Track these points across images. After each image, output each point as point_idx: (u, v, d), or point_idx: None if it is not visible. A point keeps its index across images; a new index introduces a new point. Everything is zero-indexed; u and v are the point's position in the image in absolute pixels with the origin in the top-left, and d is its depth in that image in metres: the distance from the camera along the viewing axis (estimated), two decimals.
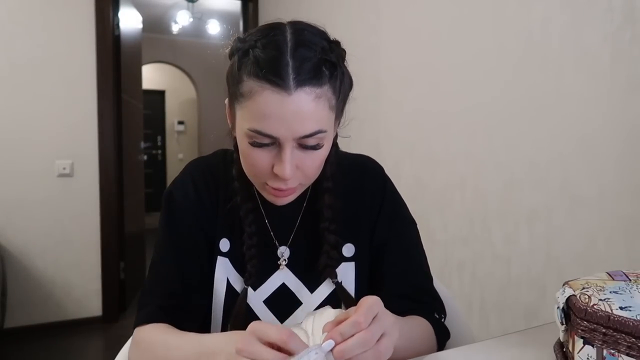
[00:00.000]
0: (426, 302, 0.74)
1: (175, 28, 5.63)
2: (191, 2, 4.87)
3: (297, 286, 0.73)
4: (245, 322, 0.69)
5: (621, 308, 0.48)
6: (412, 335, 0.64)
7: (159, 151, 7.02)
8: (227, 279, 0.72)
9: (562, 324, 0.53)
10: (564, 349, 0.55)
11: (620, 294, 0.49)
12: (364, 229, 0.75)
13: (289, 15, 0.71)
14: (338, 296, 0.72)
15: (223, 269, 0.73)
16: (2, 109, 2.59)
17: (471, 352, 0.63)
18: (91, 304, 2.83)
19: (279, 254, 0.74)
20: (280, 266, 0.73)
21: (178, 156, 7.13)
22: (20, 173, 2.64)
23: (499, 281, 1.36)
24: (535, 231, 1.24)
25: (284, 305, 0.72)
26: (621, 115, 1.02)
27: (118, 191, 2.89)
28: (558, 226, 1.17)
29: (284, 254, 0.74)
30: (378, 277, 0.74)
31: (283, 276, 0.73)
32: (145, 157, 3.75)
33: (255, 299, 0.71)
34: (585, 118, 1.10)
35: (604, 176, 1.06)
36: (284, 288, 0.72)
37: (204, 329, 0.73)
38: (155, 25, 5.63)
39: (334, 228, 0.72)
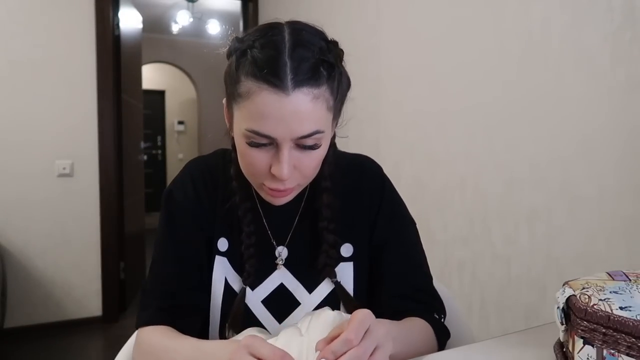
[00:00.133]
0: (426, 302, 0.73)
1: (175, 28, 5.63)
2: (191, 2, 4.88)
3: (296, 286, 0.72)
4: (243, 322, 0.69)
5: (621, 308, 0.48)
6: (411, 338, 0.64)
7: (159, 151, 7.02)
8: (225, 279, 0.72)
9: (562, 324, 0.53)
10: (564, 349, 0.55)
11: (620, 294, 0.49)
12: (363, 229, 0.75)
13: (289, 15, 0.70)
14: (337, 296, 0.72)
15: (221, 269, 0.73)
16: (2, 109, 2.59)
17: (471, 352, 0.63)
18: (91, 304, 2.83)
19: (277, 254, 0.74)
20: (278, 266, 0.73)
21: (178, 156, 7.13)
22: (20, 173, 2.64)
23: (499, 281, 1.36)
24: (535, 231, 1.23)
25: (283, 305, 0.72)
26: (621, 115, 1.02)
27: (118, 191, 2.89)
28: (558, 226, 1.17)
29: (282, 254, 0.74)
30: (377, 277, 0.74)
31: (281, 276, 0.73)
32: (145, 157, 3.75)
33: (253, 299, 0.71)
34: (585, 118, 1.10)
35: (604, 176, 1.06)
36: (282, 288, 0.72)
37: (204, 329, 0.73)
38: (155, 25, 5.64)
39: (333, 227, 0.71)
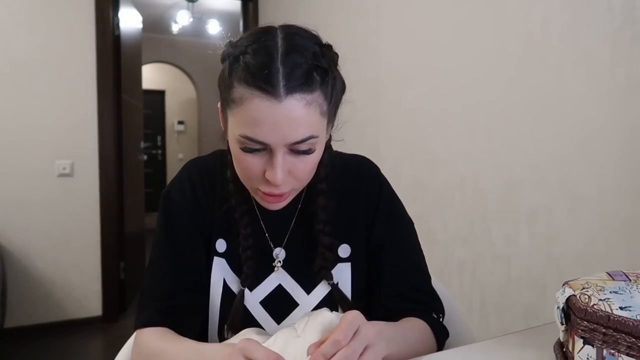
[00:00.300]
0: (424, 302, 0.73)
1: (175, 28, 5.63)
2: (191, 2, 4.88)
3: (293, 287, 0.73)
4: (242, 324, 0.69)
5: (621, 308, 0.48)
6: (408, 339, 0.64)
7: (159, 151, 7.03)
8: (224, 280, 0.72)
9: (562, 324, 0.53)
10: (564, 349, 0.55)
11: (620, 294, 0.49)
12: (360, 230, 0.75)
13: (289, 15, 0.71)
14: (334, 298, 0.72)
15: (220, 270, 0.73)
16: (2, 109, 2.59)
17: (471, 352, 0.63)
18: (91, 304, 2.83)
19: (275, 256, 0.74)
20: (275, 267, 0.73)
21: (178, 156, 7.13)
22: (20, 173, 2.64)
23: (499, 281, 1.36)
24: (535, 231, 1.23)
25: (281, 306, 0.72)
26: (621, 115, 1.02)
27: (118, 191, 2.89)
28: (558, 226, 1.17)
29: (279, 256, 0.74)
30: (376, 277, 0.74)
31: (279, 277, 0.73)
32: (145, 157, 3.75)
33: (251, 300, 0.71)
34: (585, 118, 1.10)
35: (604, 176, 1.06)
36: (280, 289, 0.72)
37: (203, 330, 0.73)
38: (155, 25, 5.64)
39: (329, 230, 0.72)
